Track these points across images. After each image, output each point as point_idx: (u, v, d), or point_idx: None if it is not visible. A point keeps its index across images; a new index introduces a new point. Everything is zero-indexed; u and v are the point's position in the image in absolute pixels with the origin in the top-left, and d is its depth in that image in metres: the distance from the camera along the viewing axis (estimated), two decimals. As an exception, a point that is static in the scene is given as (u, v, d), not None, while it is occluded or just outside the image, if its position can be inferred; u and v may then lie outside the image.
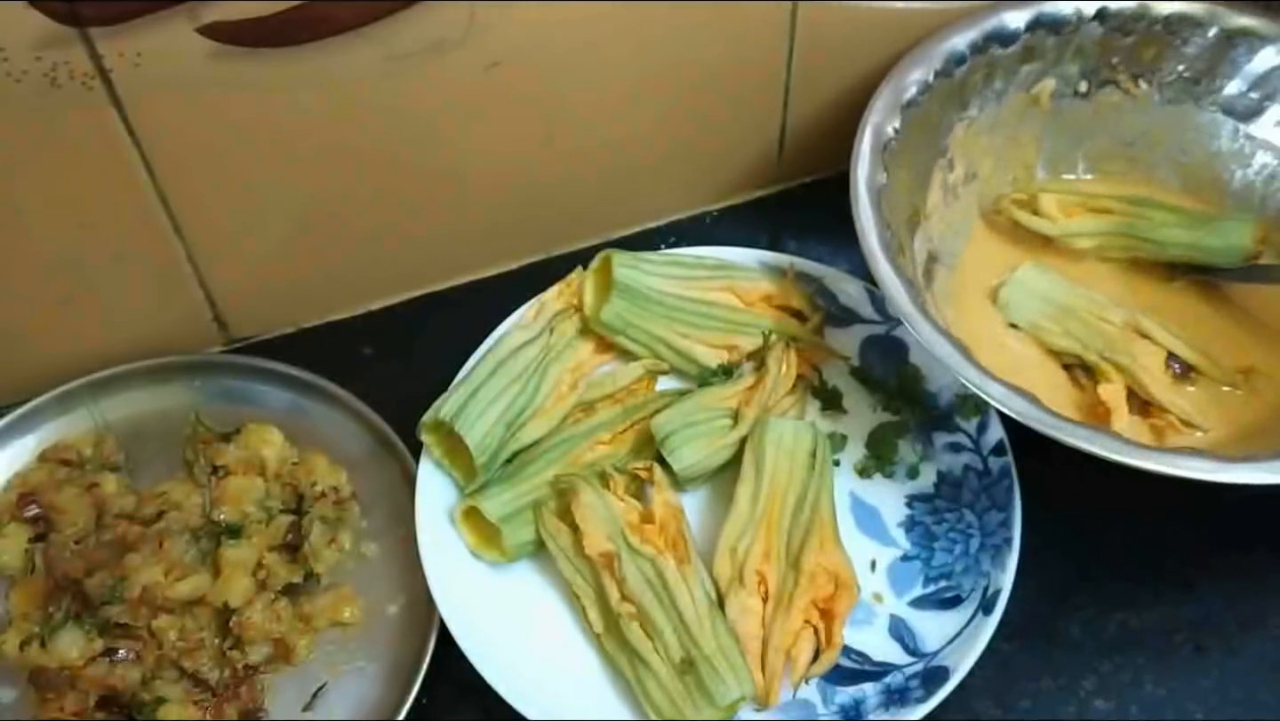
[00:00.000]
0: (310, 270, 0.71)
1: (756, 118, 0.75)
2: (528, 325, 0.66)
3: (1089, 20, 0.71)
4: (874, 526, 0.64)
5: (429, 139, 0.66)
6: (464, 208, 0.71)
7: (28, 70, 0.54)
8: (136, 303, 0.68)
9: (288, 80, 0.59)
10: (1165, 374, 0.66)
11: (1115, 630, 0.62)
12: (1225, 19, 0.70)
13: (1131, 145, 0.74)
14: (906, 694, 0.57)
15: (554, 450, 0.64)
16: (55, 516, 0.63)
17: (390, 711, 0.58)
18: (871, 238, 0.62)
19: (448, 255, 0.74)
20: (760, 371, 0.66)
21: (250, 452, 0.65)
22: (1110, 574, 0.63)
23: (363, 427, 0.67)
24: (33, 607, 0.61)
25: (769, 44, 0.70)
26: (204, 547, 0.62)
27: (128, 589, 0.59)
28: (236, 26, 0.56)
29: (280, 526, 0.63)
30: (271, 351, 0.71)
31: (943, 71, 0.69)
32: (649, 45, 0.66)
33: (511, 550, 0.61)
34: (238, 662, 0.59)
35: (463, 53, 0.62)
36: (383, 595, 0.63)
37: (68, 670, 0.58)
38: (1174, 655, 0.61)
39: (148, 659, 0.58)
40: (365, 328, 0.74)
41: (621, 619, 0.58)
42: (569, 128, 0.69)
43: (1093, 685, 0.60)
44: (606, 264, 0.67)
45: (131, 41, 0.55)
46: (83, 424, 0.68)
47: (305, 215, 0.67)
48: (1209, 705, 0.60)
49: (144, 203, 0.63)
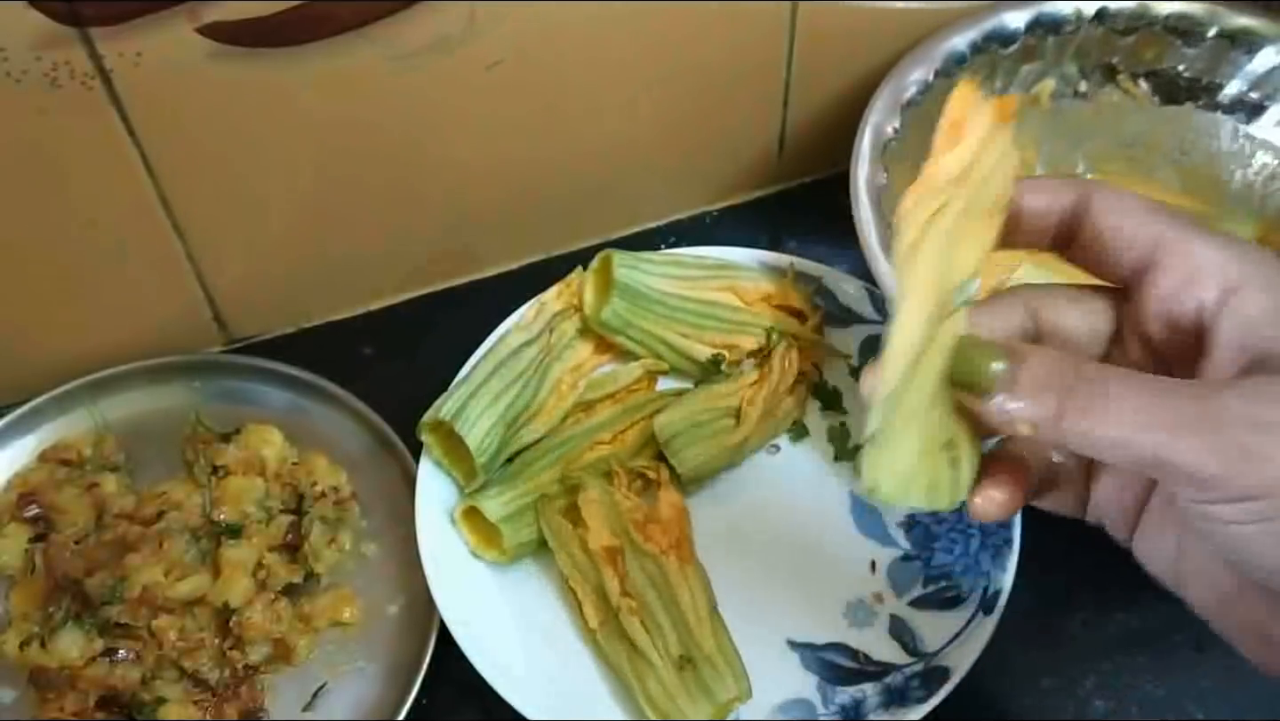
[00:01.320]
0: (310, 270, 0.71)
1: (756, 118, 0.75)
2: (528, 325, 0.66)
3: (1089, 20, 0.71)
4: (874, 526, 0.64)
5: (430, 138, 0.66)
6: (464, 207, 0.71)
7: (28, 70, 0.54)
8: (136, 303, 0.68)
9: (288, 80, 0.59)
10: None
11: (1115, 630, 0.62)
12: (1225, 19, 0.70)
13: (1131, 145, 0.74)
14: (907, 693, 0.57)
15: (554, 450, 0.64)
16: (55, 516, 0.63)
17: (390, 711, 0.58)
18: (871, 237, 0.62)
19: (448, 255, 0.74)
20: (763, 370, 0.66)
21: (250, 452, 0.65)
22: (1110, 574, 0.63)
23: (363, 427, 0.67)
24: (33, 607, 0.61)
25: (769, 44, 0.70)
26: (204, 547, 0.62)
27: (128, 589, 0.59)
28: (236, 26, 0.56)
29: (280, 526, 0.63)
30: (271, 351, 0.71)
31: (943, 71, 0.69)
32: (649, 45, 0.66)
33: (511, 550, 0.61)
34: (238, 662, 0.59)
35: (464, 52, 0.62)
36: (383, 595, 0.63)
37: (68, 670, 0.58)
38: (1174, 655, 0.61)
39: (148, 659, 0.58)
40: (365, 328, 0.74)
41: (621, 613, 0.58)
42: (569, 127, 0.69)
43: (1093, 685, 0.60)
44: (606, 264, 0.67)
45: (131, 41, 0.55)
46: (83, 424, 0.68)
47: (305, 215, 0.67)
48: (1209, 705, 0.60)
49: (144, 203, 0.63)
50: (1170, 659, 0.61)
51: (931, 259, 0.37)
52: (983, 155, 0.39)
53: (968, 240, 0.39)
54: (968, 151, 0.38)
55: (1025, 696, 0.60)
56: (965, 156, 0.38)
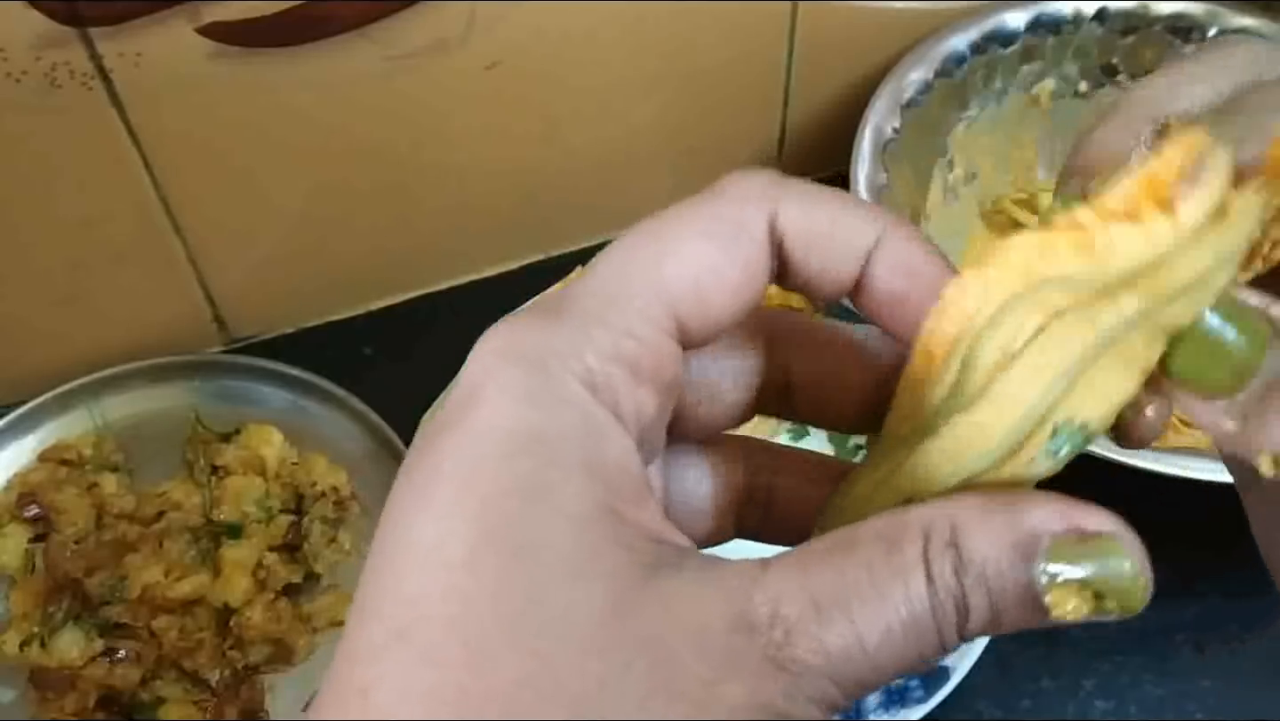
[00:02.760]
0: (310, 270, 0.71)
1: (756, 118, 0.74)
2: (528, 325, 0.66)
3: (1089, 20, 0.71)
4: (874, 526, 0.64)
5: (429, 138, 0.66)
6: (464, 207, 0.71)
7: (28, 70, 0.54)
8: (136, 303, 0.68)
9: (288, 80, 0.59)
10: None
11: (1115, 630, 0.62)
12: (1225, 19, 0.70)
13: (1131, 145, 0.74)
14: (907, 694, 0.57)
15: (554, 450, 0.64)
16: (55, 516, 0.63)
17: (390, 711, 0.58)
18: (871, 237, 0.62)
19: (448, 255, 0.74)
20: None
21: (250, 453, 0.65)
22: (1110, 574, 0.63)
23: (363, 428, 0.67)
24: (33, 607, 0.61)
25: (769, 44, 0.70)
26: (204, 547, 0.62)
27: (128, 589, 0.59)
28: (236, 26, 0.56)
29: (280, 526, 0.63)
30: (271, 351, 0.71)
31: (943, 71, 0.69)
32: (649, 45, 0.66)
33: (511, 550, 0.61)
34: (238, 662, 0.59)
35: (463, 52, 0.62)
36: (383, 595, 0.63)
37: (68, 670, 0.58)
38: (1174, 655, 0.61)
39: (147, 659, 0.58)
40: (365, 327, 0.74)
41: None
42: (569, 127, 0.69)
43: (1093, 685, 0.60)
44: (606, 264, 0.67)
45: (131, 41, 0.55)
46: (83, 424, 0.68)
47: (305, 215, 0.67)
48: (1209, 705, 0.60)
49: (144, 203, 0.63)
50: (1170, 659, 0.61)
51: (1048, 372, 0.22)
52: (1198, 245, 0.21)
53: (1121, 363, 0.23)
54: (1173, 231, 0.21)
55: (1025, 696, 0.60)
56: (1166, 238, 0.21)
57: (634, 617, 0.20)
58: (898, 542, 0.21)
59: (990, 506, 0.22)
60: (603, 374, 0.22)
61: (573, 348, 0.22)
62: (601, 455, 0.22)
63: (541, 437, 0.21)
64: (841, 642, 0.20)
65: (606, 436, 0.22)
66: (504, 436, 0.21)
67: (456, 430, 0.22)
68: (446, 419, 0.22)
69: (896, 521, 0.22)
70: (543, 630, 0.20)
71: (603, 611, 0.20)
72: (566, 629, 0.20)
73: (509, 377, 0.22)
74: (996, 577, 0.21)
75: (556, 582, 0.20)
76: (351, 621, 0.21)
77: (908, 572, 0.21)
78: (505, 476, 0.21)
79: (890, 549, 0.21)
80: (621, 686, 0.20)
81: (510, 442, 0.21)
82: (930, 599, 0.21)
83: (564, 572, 0.20)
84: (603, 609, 0.20)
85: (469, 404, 0.22)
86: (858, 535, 0.22)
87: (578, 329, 0.23)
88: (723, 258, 0.24)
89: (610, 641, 0.20)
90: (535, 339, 0.22)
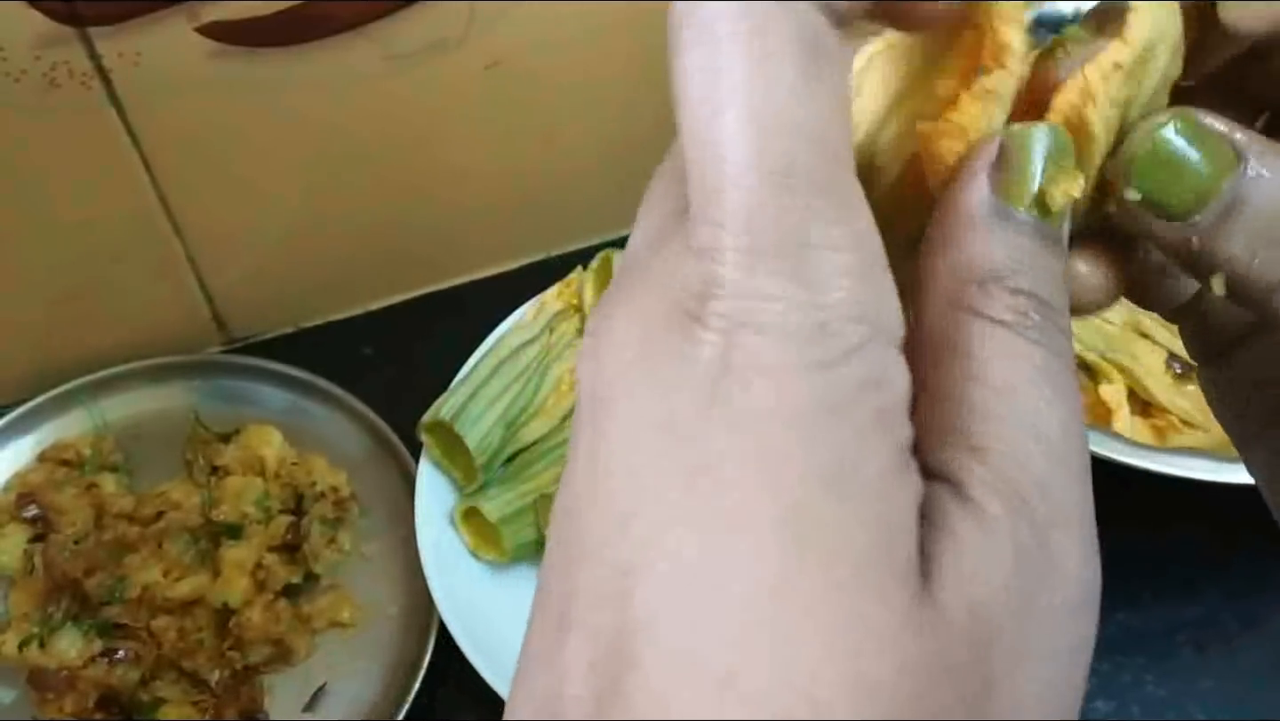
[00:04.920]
0: (310, 270, 0.71)
1: (756, 117, 0.74)
2: (528, 325, 0.66)
3: (1089, 20, 0.71)
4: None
5: (429, 138, 0.66)
6: (464, 207, 0.71)
7: (27, 70, 0.54)
8: (136, 303, 0.68)
9: (288, 80, 0.59)
10: (1166, 374, 0.66)
11: (1115, 630, 0.62)
12: (1225, 19, 0.70)
13: (1132, 145, 0.74)
14: (907, 694, 0.57)
15: (554, 450, 0.64)
16: (55, 516, 0.63)
17: (390, 711, 0.58)
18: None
19: (447, 255, 0.74)
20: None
21: (250, 453, 0.65)
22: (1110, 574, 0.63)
23: (363, 428, 0.67)
24: (32, 607, 0.61)
25: (769, 44, 0.70)
26: (203, 548, 0.62)
27: (127, 589, 0.59)
28: (236, 26, 0.56)
29: (280, 526, 0.63)
30: (271, 351, 0.71)
31: (943, 71, 0.69)
32: (648, 45, 0.66)
33: (511, 550, 0.61)
34: (237, 663, 0.59)
35: (463, 52, 0.62)
36: (383, 595, 0.63)
37: (67, 670, 0.58)
38: (1174, 655, 0.61)
39: (147, 659, 0.58)
40: (365, 327, 0.74)
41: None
42: (569, 128, 0.69)
43: (1093, 685, 0.60)
44: (606, 264, 0.67)
45: (131, 41, 0.55)
46: (82, 424, 0.68)
47: (305, 215, 0.67)
48: (1209, 705, 0.60)
49: (144, 203, 0.63)
50: (1171, 659, 0.61)
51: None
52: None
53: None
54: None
55: (1025, 696, 0.60)
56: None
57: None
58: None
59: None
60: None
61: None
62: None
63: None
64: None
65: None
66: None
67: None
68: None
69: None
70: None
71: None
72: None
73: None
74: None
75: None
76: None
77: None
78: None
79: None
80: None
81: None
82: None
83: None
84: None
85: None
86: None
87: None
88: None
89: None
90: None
